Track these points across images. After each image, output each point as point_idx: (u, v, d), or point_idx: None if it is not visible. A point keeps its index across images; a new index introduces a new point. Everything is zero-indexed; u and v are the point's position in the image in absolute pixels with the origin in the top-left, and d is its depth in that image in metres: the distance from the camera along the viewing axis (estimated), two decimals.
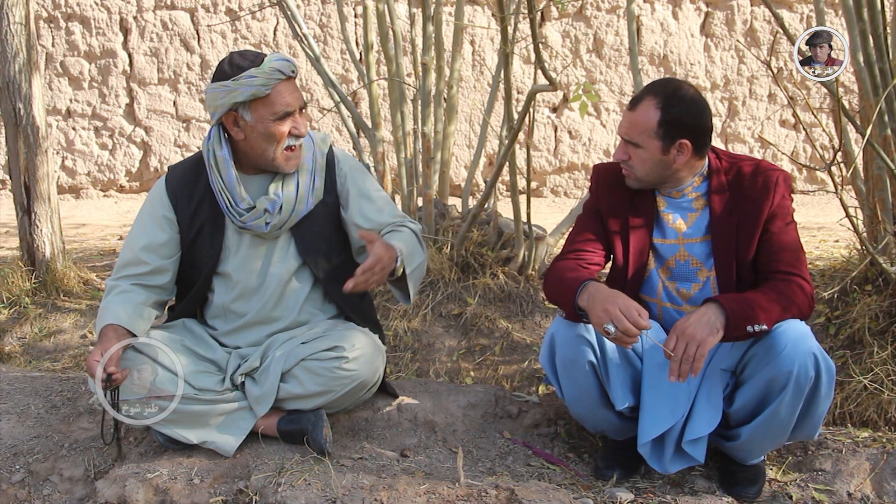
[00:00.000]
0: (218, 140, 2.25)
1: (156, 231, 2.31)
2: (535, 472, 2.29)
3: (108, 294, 2.30)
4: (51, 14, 7.06)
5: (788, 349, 1.96)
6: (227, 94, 2.15)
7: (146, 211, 2.35)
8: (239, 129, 2.21)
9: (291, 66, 2.19)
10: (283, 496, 2.00)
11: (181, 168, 2.37)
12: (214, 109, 2.20)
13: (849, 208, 2.59)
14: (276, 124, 2.18)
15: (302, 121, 2.23)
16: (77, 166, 7.31)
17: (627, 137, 2.14)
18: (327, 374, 2.21)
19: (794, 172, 7.21)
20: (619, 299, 1.94)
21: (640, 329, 1.91)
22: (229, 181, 2.25)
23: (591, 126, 7.35)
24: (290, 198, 2.26)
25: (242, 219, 2.25)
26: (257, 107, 2.17)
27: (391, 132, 4.06)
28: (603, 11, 7.15)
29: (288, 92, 2.19)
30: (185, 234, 2.32)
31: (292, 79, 2.21)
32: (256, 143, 2.22)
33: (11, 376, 2.92)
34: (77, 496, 2.22)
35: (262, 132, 2.19)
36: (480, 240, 3.70)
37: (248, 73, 2.14)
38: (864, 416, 2.72)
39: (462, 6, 4.02)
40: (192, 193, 2.31)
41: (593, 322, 1.98)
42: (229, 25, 7.09)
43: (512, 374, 3.27)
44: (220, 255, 2.33)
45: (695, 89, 2.14)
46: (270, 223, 2.26)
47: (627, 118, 2.14)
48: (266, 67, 2.14)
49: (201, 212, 2.31)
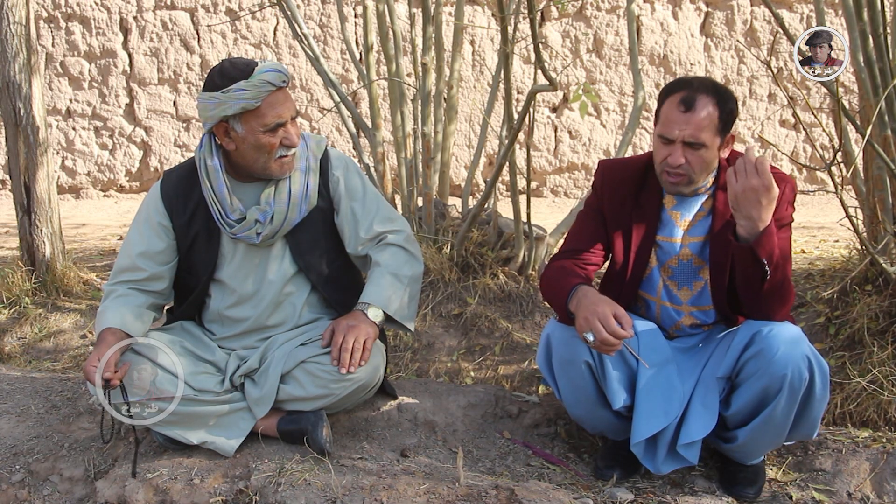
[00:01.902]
0: (209, 149, 2.24)
1: (152, 238, 2.31)
2: (535, 472, 2.29)
3: (106, 299, 2.30)
4: (51, 14, 7.06)
5: (782, 353, 1.97)
6: (217, 106, 2.13)
7: (142, 216, 2.34)
8: (230, 140, 2.19)
9: (283, 77, 2.15)
10: (283, 496, 2.00)
11: (176, 175, 2.35)
12: (205, 120, 2.19)
13: (849, 208, 2.58)
14: (266, 136, 2.16)
15: (294, 130, 2.20)
16: (77, 166, 7.31)
17: (692, 140, 2.04)
18: (327, 377, 2.20)
19: (794, 172, 7.21)
20: (600, 308, 1.94)
21: (620, 339, 1.92)
22: (220, 192, 2.23)
23: (591, 126, 7.35)
24: (281, 207, 2.25)
25: (233, 230, 2.25)
26: (248, 119, 2.15)
27: (391, 132, 4.06)
28: (603, 11, 7.15)
29: (279, 103, 2.15)
30: (181, 241, 2.32)
31: (283, 88, 2.18)
32: (248, 153, 2.20)
33: (11, 376, 2.92)
34: (77, 496, 2.22)
35: (253, 143, 2.17)
36: (480, 240, 3.70)
37: (237, 87, 2.11)
38: (863, 417, 2.72)
39: (462, 6, 4.02)
40: (187, 201, 2.30)
41: (576, 329, 1.99)
42: (229, 25, 7.09)
43: (512, 374, 3.27)
44: (217, 262, 2.32)
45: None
46: (262, 233, 2.25)
47: (688, 120, 2.03)
48: (255, 80, 2.11)
49: (196, 219, 2.30)
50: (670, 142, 2.06)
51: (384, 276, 2.29)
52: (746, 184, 1.90)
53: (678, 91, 2.08)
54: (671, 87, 2.11)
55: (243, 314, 2.34)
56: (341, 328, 2.20)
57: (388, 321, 2.31)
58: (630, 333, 1.93)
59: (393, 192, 4.03)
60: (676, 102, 2.05)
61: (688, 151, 2.05)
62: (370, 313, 2.24)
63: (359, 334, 2.18)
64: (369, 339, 2.20)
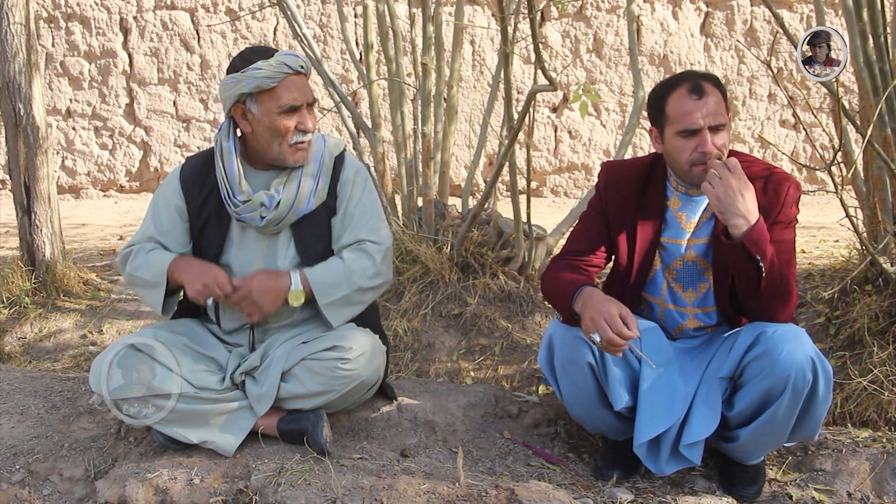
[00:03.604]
0: (227, 132, 2.29)
1: (168, 222, 2.35)
2: (535, 472, 2.29)
3: (138, 254, 2.33)
4: (51, 14, 7.06)
5: (786, 354, 1.96)
6: (235, 85, 2.20)
7: (161, 199, 2.38)
8: (247, 122, 2.25)
9: (300, 62, 2.23)
10: (283, 496, 2.00)
11: (196, 160, 2.40)
12: (224, 101, 2.26)
13: (849, 208, 2.58)
14: (281, 118, 2.21)
15: (310, 116, 2.26)
16: (77, 166, 7.31)
17: (717, 122, 2.04)
18: (328, 374, 2.21)
19: (794, 172, 7.21)
20: (605, 308, 1.94)
21: (626, 339, 1.92)
22: (231, 172, 2.27)
23: (591, 126, 7.35)
24: (289, 195, 2.27)
25: (237, 209, 2.27)
26: (264, 99, 2.20)
27: (391, 132, 4.06)
28: (603, 11, 7.15)
29: (295, 87, 2.21)
30: (193, 223, 2.36)
31: (301, 74, 2.24)
32: (263, 136, 2.24)
33: (11, 376, 2.92)
34: (77, 496, 2.22)
35: (268, 125, 2.22)
36: (480, 240, 3.70)
37: (255, 66, 2.18)
38: (864, 417, 2.72)
39: (462, 6, 4.02)
40: (203, 184, 2.34)
41: (582, 330, 1.99)
42: (229, 25, 7.09)
43: (512, 374, 3.27)
44: (224, 245, 2.35)
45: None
46: (266, 217, 2.27)
47: (706, 104, 2.03)
48: (273, 61, 2.19)
49: (210, 202, 2.33)
50: (694, 133, 2.05)
51: (337, 269, 2.28)
52: (726, 184, 1.95)
53: (679, 85, 2.08)
54: (668, 85, 2.11)
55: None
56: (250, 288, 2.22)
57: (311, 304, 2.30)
58: (636, 334, 1.93)
59: (393, 192, 4.03)
60: (686, 94, 2.05)
61: (713, 136, 2.05)
62: (291, 296, 2.24)
63: (259, 303, 2.22)
64: (263, 310, 2.24)
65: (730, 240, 1.99)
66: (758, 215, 1.97)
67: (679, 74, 2.12)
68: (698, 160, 2.06)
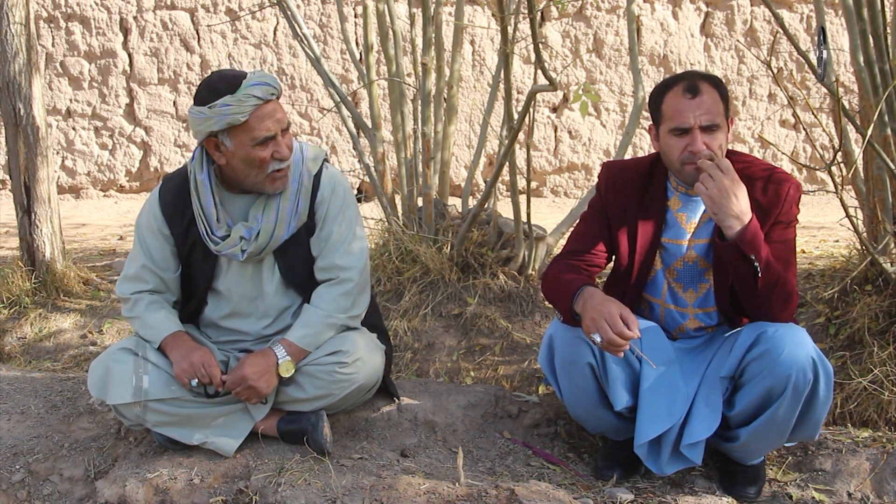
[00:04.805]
0: (199, 163, 2.21)
1: (157, 251, 2.30)
2: (535, 472, 2.29)
3: (135, 305, 2.30)
4: (51, 14, 7.06)
5: (787, 354, 1.96)
6: (204, 121, 2.10)
7: (144, 225, 2.32)
8: (220, 154, 2.16)
9: (271, 90, 2.10)
10: (283, 496, 2.00)
11: (174, 183, 2.31)
12: (195, 133, 2.16)
13: (849, 208, 2.58)
14: (256, 150, 2.12)
15: (285, 142, 2.15)
16: (77, 166, 7.31)
17: (708, 122, 2.03)
18: (327, 378, 2.21)
19: (794, 172, 7.21)
20: (606, 308, 1.94)
21: (627, 339, 1.92)
22: (207, 207, 2.21)
23: (591, 126, 7.35)
24: (268, 224, 2.21)
25: (218, 247, 2.22)
26: (236, 133, 2.10)
27: (391, 132, 4.06)
28: (603, 11, 7.15)
29: (267, 116, 2.10)
30: (179, 248, 2.31)
31: (273, 101, 2.13)
32: (239, 168, 2.16)
33: (11, 376, 2.92)
34: (77, 496, 2.22)
35: (244, 158, 2.13)
36: (480, 240, 3.70)
37: (222, 102, 2.07)
38: (864, 417, 2.72)
39: (462, 6, 4.01)
40: (183, 212, 2.27)
41: (583, 330, 1.99)
42: (229, 25, 7.09)
43: (512, 374, 3.27)
44: (214, 271, 2.31)
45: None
46: (247, 251, 2.22)
47: (699, 104, 2.03)
48: (241, 94, 2.06)
49: (192, 231, 2.27)
50: (685, 132, 2.05)
51: (315, 320, 2.25)
52: (719, 185, 1.95)
53: (676, 83, 2.08)
54: (667, 84, 2.11)
55: (241, 325, 2.35)
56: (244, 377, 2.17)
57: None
58: (637, 334, 1.93)
59: (393, 192, 4.03)
60: (681, 92, 2.05)
61: (705, 136, 2.05)
62: (281, 369, 2.20)
63: (257, 387, 2.18)
64: (262, 393, 2.20)
65: (724, 240, 1.99)
66: (751, 215, 1.97)
67: (680, 74, 2.13)
68: (688, 159, 2.06)
